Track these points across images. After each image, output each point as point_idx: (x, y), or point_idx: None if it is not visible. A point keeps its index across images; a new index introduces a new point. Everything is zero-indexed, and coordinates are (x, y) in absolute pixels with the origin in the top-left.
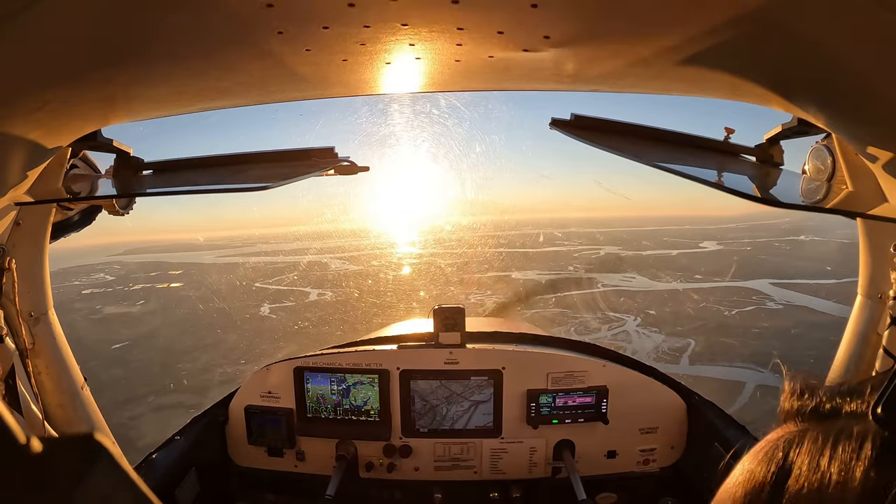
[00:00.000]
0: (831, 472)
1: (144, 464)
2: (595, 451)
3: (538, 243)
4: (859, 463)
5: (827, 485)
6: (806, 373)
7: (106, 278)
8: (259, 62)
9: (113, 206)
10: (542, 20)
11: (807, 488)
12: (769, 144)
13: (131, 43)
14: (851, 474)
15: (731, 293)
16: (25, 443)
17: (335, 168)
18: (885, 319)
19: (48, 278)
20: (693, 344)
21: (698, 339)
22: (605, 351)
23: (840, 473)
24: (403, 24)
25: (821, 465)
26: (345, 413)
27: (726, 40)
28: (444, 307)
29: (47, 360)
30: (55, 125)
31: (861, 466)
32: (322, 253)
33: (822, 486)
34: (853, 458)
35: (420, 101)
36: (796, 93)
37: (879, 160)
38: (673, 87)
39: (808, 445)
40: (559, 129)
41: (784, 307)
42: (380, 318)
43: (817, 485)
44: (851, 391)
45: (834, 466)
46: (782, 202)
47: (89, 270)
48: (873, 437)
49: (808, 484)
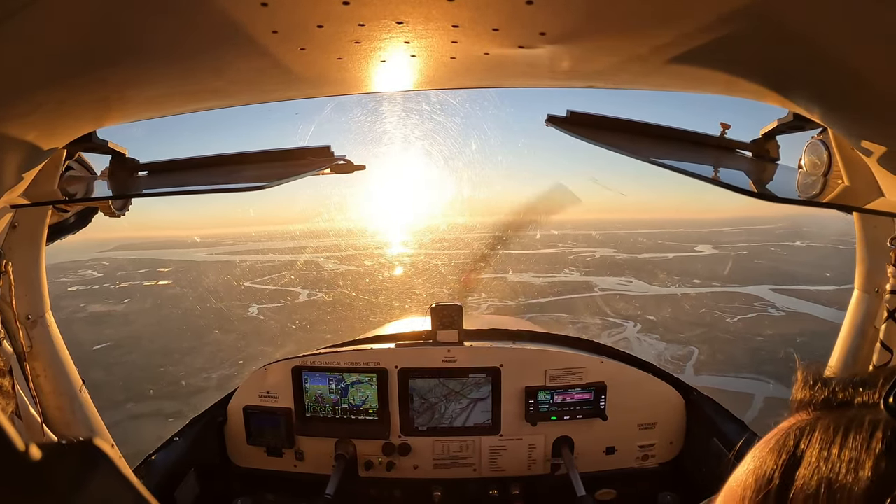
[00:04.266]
0: (841, 461)
1: (144, 466)
2: (594, 448)
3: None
4: (870, 452)
5: (837, 473)
6: (819, 363)
7: (94, 275)
8: (254, 62)
9: (109, 207)
10: (538, 17)
11: (816, 477)
12: (765, 139)
13: (125, 44)
14: (862, 463)
15: (732, 299)
16: (24, 449)
17: (331, 167)
18: (882, 313)
19: (45, 281)
20: (696, 352)
21: (702, 348)
22: (603, 347)
23: (850, 462)
24: (398, 22)
25: (831, 454)
26: (343, 412)
27: (722, 36)
28: (442, 305)
29: (45, 362)
30: (50, 127)
31: (871, 455)
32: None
33: (832, 475)
34: (864, 447)
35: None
36: (791, 88)
37: (875, 154)
38: (668, 83)
39: (818, 434)
40: (555, 126)
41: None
42: (376, 316)
43: (827, 473)
44: (864, 382)
45: (844, 455)
46: (779, 197)
47: (78, 267)
48: (884, 427)
49: (818, 472)
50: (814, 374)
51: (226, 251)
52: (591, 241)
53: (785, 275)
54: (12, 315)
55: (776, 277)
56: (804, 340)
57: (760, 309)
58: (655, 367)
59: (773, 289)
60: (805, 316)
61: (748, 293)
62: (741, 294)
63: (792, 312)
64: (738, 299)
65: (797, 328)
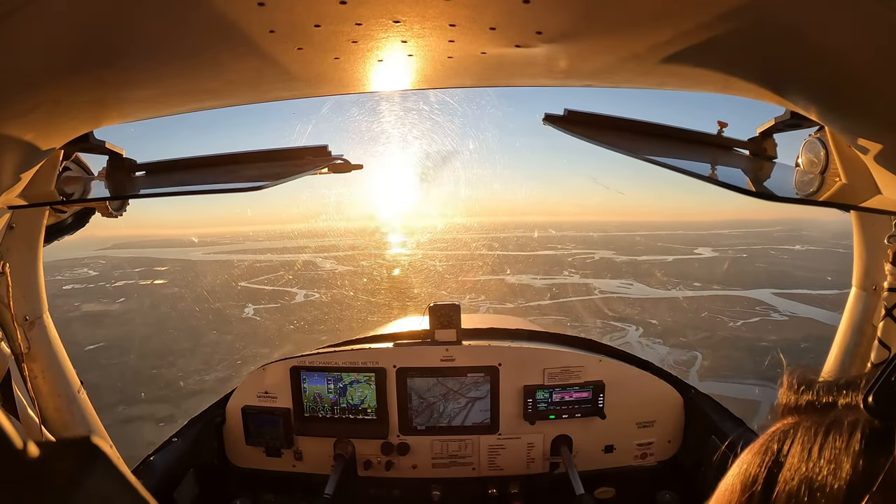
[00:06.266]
0: (822, 461)
1: (142, 466)
2: (592, 446)
3: (533, 246)
4: (849, 451)
5: (817, 473)
6: (805, 367)
7: (89, 273)
8: (251, 62)
9: (106, 208)
10: (535, 16)
11: (798, 477)
12: (762, 138)
13: (122, 44)
14: (841, 463)
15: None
16: (22, 448)
17: (329, 166)
18: (880, 311)
19: (42, 282)
20: (700, 358)
21: (705, 353)
22: (601, 346)
23: (830, 462)
24: (395, 21)
25: (812, 455)
26: (342, 412)
27: (718, 35)
28: (440, 304)
29: (43, 364)
30: (47, 128)
31: (851, 455)
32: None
33: (813, 475)
34: (843, 447)
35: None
36: (788, 86)
37: (872, 152)
38: (665, 81)
39: (801, 436)
40: (552, 125)
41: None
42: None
43: (808, 473)
44: (847, 384)
45: (825, 455)
46: (776, 195)
47: (74, 264)
48: (863, 427)
49: (800, 473)
50: (798, 378)
51: (223, 251)
52: (590, 242)
53: (786, 278)
54: (10, 316)
55: (777, 281)
56: (808, 346)
57: (763, 313)
58: (654, 365)
59: (774, 293)
60: (808, 321)
61: (750, 297)
62: (743, 298)
63: (795, 317)
64: (740, 303)
65: (801, 333)
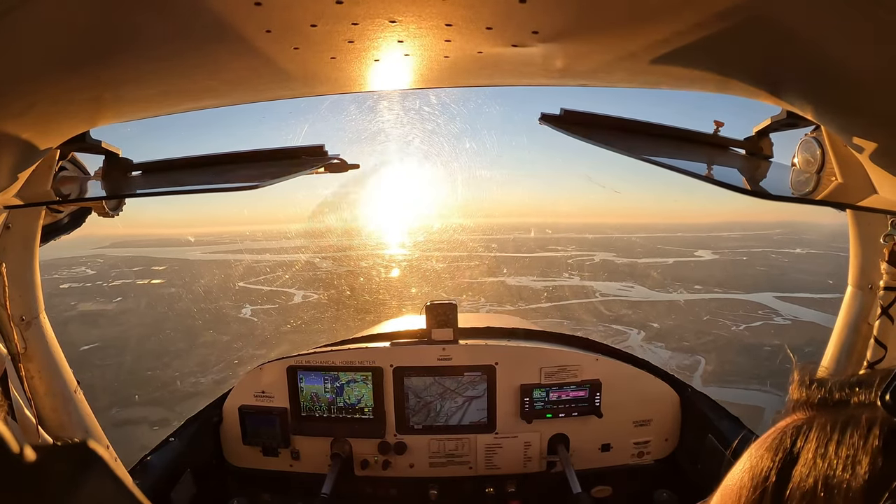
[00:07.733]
0: (838, 458)
1: (139, 467)
2: (589, 445)
3: (531, 247)
4: (867, 449)
5: (834, 470)
6: (815, 363)
7: (87, 272)
8: (247, 61)
9: (103, 207)
10: (531, 15)
11: (813, 474)
12: (758, 137)
13: (118, 43)
14: (859, 460)
15: (736, 306)
16: (19, 451)
17: (325, 166)
18: (876, 309)
19: (39, 282)
20: (703, 362)
21: (708, 357)
22: (598, 344)
23: (847, 459)
24: (391, 21)
25: (828, 452)
26: (339, 411)
27: (714, 34)
28: (437, 303)
29: (40, 364)
30: (43, 127)
31: (868, 452)
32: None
33: (829, 472)
34: (861, 444)
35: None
36: (784, 86)
37: (867, 151)
38: (662, 81)
39: (815, 432)
40: (549, 125)
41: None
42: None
43: (824, 471)
44: (861, 381)
45: (841, 452)
46: (772, 194)
47: (72, 263)
48: (881, 424)
49: (815, 470)
50: (810, 375)
51: (220, 250)
52: (589, 244)
53: (788, 282)
54: (6, 316)
55: (779, 285)
56: (812, 350)
57: (766, 317)
58: (650, 364)
59: (776, 296)
60: (811, 325)
61: (752, 300)
62: (745, 301)
63: (798, 321)
64: (743, 307)
65: (804, 337)
